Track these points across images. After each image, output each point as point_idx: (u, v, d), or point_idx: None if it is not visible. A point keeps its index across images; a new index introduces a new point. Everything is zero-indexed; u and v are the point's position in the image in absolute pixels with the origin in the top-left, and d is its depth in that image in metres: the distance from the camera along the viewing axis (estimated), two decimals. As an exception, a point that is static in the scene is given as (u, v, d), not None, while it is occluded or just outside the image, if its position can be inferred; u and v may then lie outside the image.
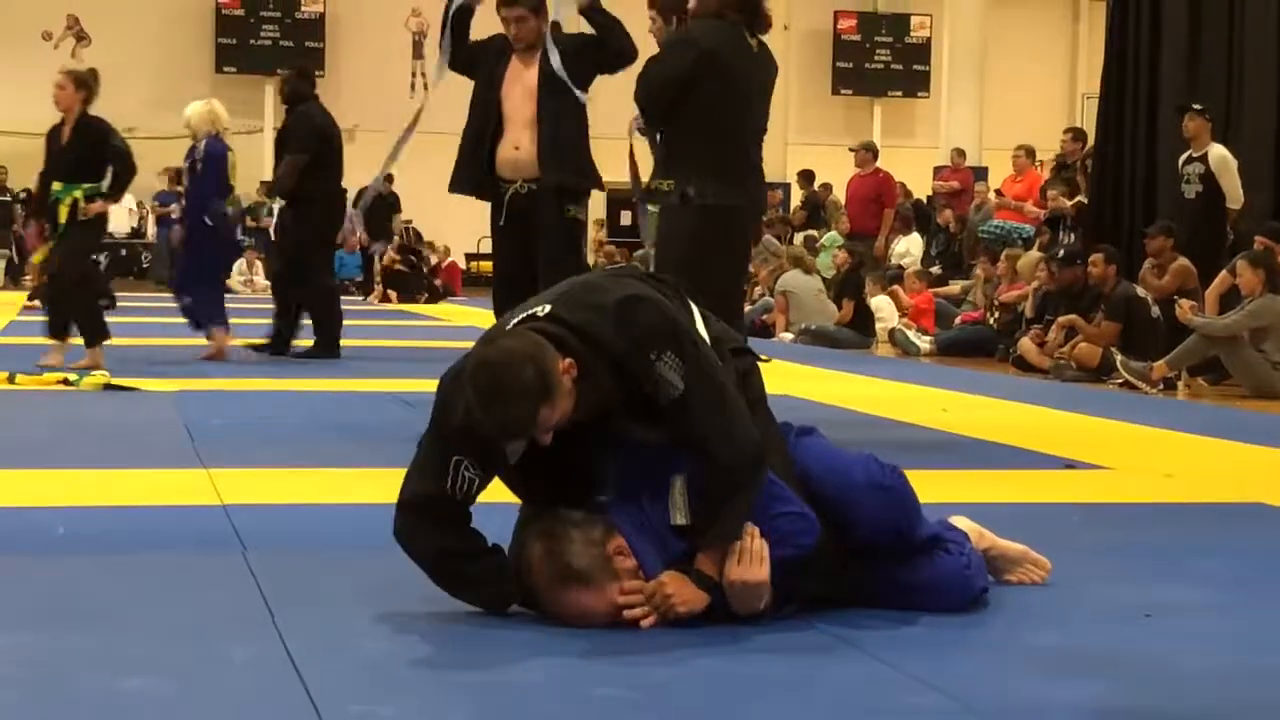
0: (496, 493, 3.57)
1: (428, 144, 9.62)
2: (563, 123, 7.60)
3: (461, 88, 7.70)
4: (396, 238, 24.35)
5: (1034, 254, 14.25)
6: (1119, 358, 10.89)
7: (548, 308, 3.45)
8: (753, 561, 3.38)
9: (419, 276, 23.07)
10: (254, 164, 29.21)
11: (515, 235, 7.69)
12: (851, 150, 18.49)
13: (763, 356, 3.83)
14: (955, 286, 16.63)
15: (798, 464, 3.61)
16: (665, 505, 3.42)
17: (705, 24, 6.41)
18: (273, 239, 12.99)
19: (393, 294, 22.78)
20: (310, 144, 11.07)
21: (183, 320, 11.22)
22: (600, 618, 3.36)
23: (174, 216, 26.62)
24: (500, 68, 7.71)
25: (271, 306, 11.74)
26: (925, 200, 21.44)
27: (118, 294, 18.21)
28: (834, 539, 3.51)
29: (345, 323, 11.66)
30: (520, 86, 7.67)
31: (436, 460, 3.46)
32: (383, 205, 23.64)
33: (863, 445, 3.83)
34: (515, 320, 3.46)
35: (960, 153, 20.75)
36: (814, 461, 3.63)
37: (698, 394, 3.38)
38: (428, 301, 22.60)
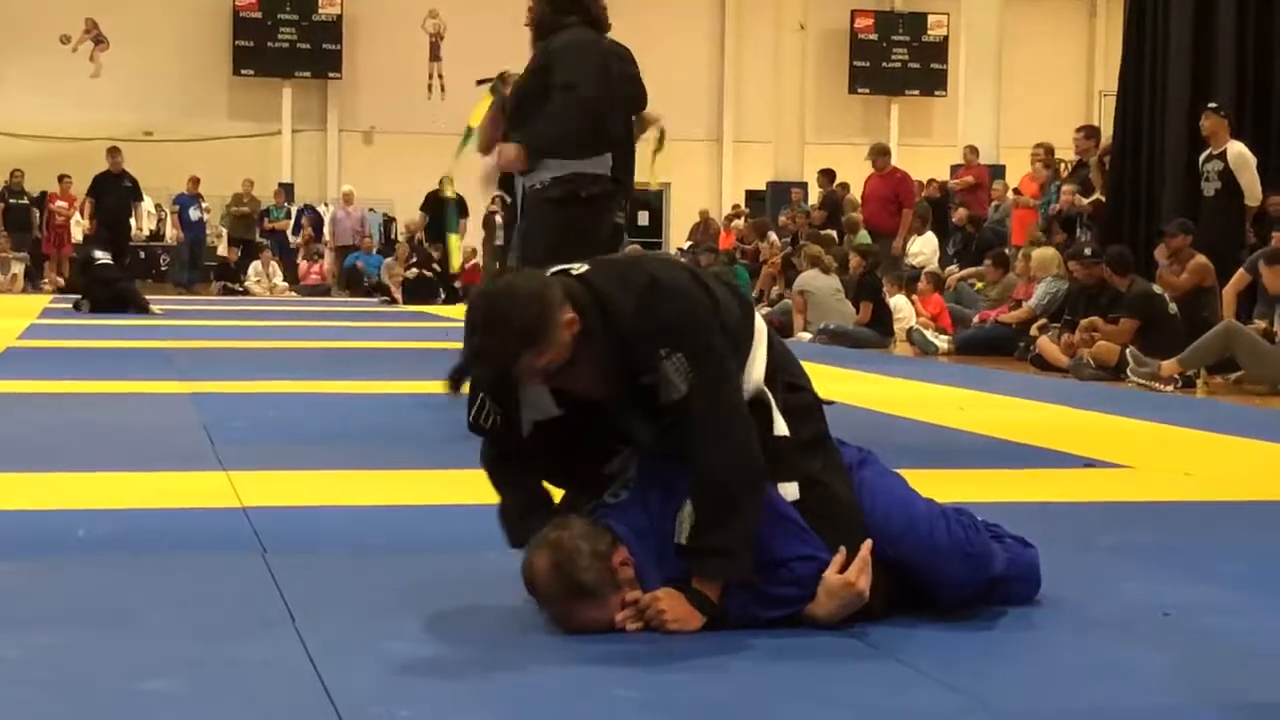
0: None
1: (449, 146, 9.60)
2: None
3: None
4: (406, 245, 24.40)
5: (1049, 250, 14.21)
6: (1130, 360, 10.81)
7: (585, 269, 3.44)
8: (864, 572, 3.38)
9: (429, 283, 23.13)
10: (271, 166, 29.29)
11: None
12: (868, 159, 18.45)
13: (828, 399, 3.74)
14: (978, 284, 16.59)
15: (865, 508, 3.51)
16: (674, 519, 3.38)
17: (587, 33, 6.91)
18: None
19: (398, 299, 22.92)
20: None
21: (200, 323, 11.24)
22: (601, 626, 3.34)
23: (194, 219, 26.84)
24: None
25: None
26: (939, 193, 21.35)
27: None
28: (885, 580, 3.45)
29: (364, 324, 11.65)
30: None
31: (471, 390, 3.49)
32: (447, 207, 23.74)
33: (881, 445, 3.81)
34: (552, 272, 3.44)
35: (973, 149, 20.66)
36: (885, 515, 3.52)
37: (700, 401, 3.32)
38: (445, 303, 22.64)
